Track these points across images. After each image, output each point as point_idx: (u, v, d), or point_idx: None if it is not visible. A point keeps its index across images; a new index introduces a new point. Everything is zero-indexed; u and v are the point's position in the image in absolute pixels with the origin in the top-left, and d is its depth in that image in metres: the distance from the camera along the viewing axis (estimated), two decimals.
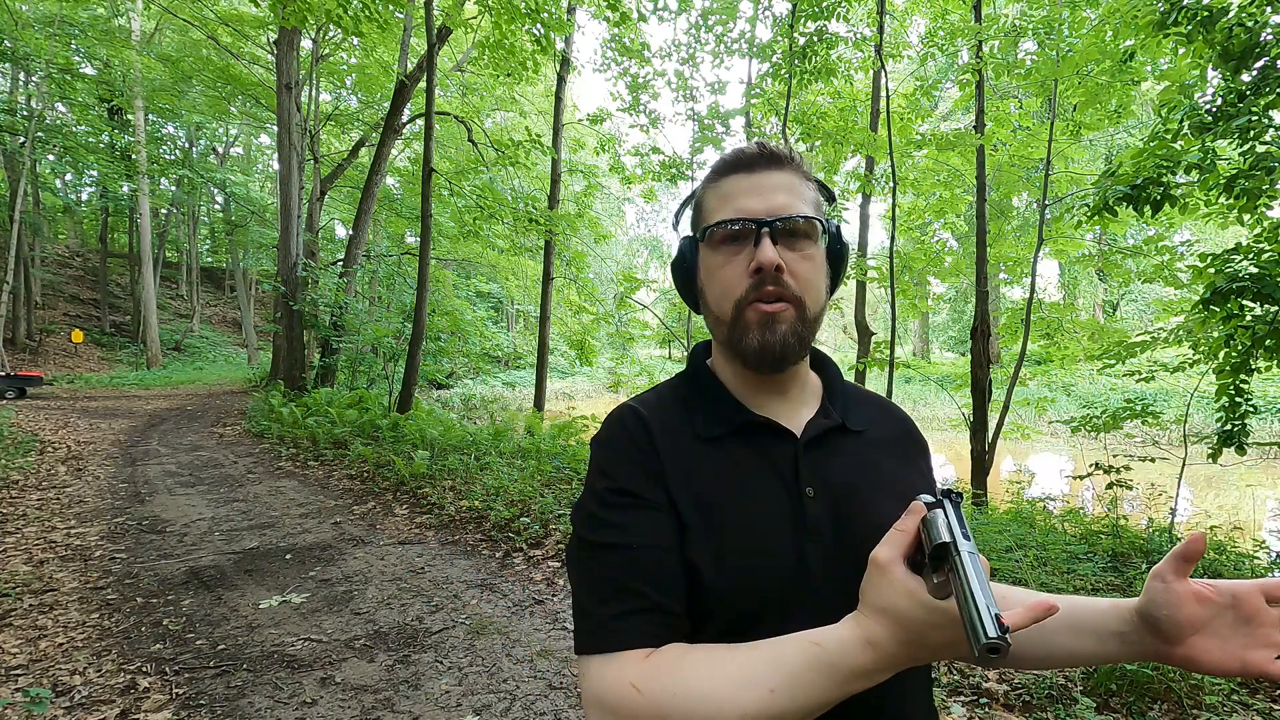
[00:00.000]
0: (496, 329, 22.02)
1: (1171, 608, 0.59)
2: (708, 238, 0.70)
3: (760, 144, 0.71)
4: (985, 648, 0.43)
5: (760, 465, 0.68)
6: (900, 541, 0.54)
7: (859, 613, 0.54)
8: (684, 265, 0.75)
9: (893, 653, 0.52)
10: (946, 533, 0.50)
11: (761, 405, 0.72)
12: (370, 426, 8.42)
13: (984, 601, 0.44)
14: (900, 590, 0.51)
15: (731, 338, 0.69)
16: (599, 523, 0.65)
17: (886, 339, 7.56)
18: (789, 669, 0.53)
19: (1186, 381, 5.19)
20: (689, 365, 0.79)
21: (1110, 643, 0.65)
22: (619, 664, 0.58)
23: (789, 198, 0.69)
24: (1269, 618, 0.57)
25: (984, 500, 5.90)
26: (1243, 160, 3.30)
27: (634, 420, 0.70)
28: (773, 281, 0.66)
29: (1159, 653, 0.62)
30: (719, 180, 0.72)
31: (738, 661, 0.55)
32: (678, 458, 0.67)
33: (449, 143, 16.03)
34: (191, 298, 27.65)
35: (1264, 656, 0.57)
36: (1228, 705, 2.30)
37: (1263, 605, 0.58)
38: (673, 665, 0.56)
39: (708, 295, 0.72)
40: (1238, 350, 3.60)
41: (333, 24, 6.33)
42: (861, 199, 9.54)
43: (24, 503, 5.27)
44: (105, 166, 18.88)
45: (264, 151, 29.27)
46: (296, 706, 2.46)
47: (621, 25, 7.85)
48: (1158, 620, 0.60)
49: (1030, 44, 6.79)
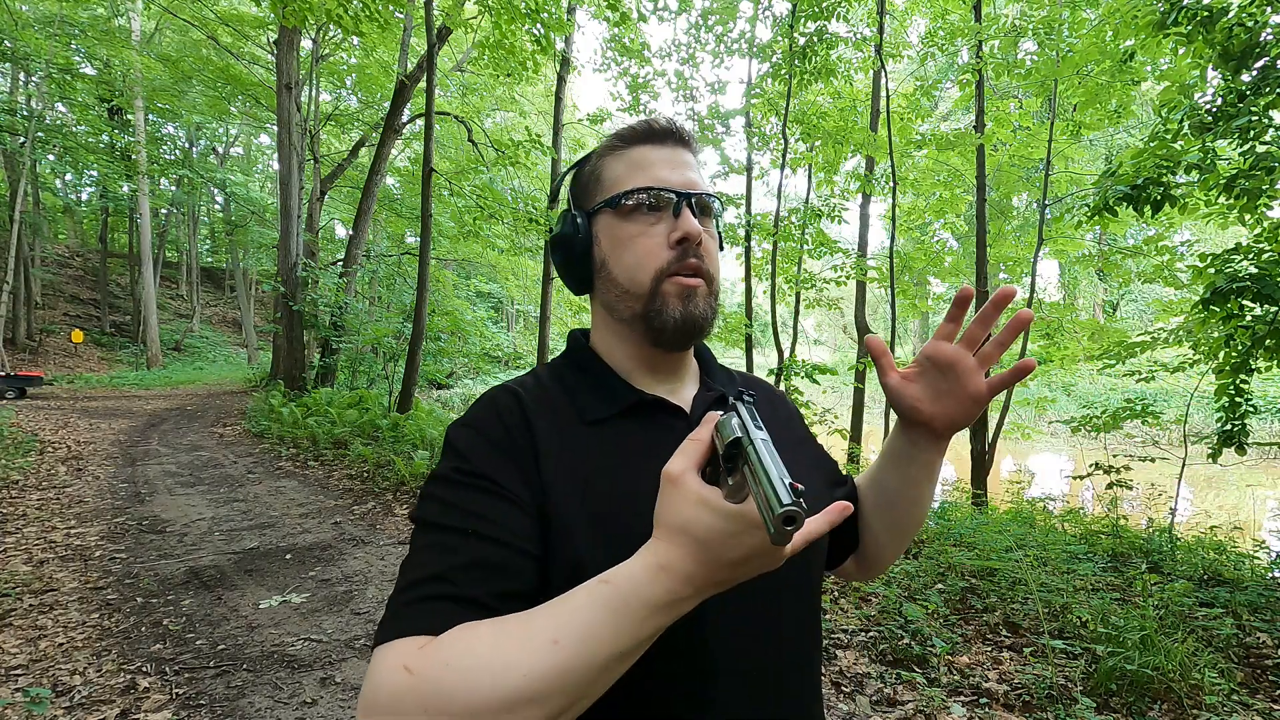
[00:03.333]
0: (496, 329, 22.01)
1: (899, 401, 0.68)
2: (620, 205, 0.67)
3: (669, 120, 0.70)
4: (781, 518, 0.38)
5: (652, 445, 0.63)
6: (694, 451, 0.49)
7: (652, 538, 0.48)
8: (576, 238, 0.70)
9: (690, 573, 0.46)
10: (739, 430, 0.45)
11: (650, 384, 0.70)
12: (370, 426, 8.42)
13: (776, 472, 0.40)
14: (693, 499, 0.46)
15: (647, 311, 0.65)
16: (438, 503, 0.57)
17: (886, 339, 7.56)
18: (575, 615, 0.46)
19: (1186, 381, 5.19)
20: (569, 348, 0.75)
21: (908, 464, 0.71)
22: (397, 649, 0.48)
23: (697, 176, 0.68)
24: (964, 359, 0.65)
25: (984, 500, 5.90)
26: (1243, 160, 3.30)
27: (508, 402, 0.64)
28: (695, 254, 0.65)
29: (930, 436, 0.69)
30: (627, 149, 0.69)
31: (521, 620, 0.48)
32: (560, 444, 0.62)
33: (449, 143, 16.03)
34: (191, 298, 27.65)
35: (979, 381, 0.64)
36: (1228, 705, 2.30)
37: (949, 348, 0.65)
38: (453, 639, 0.48)
39: (615, 267, 0.67)
40: (1238, 350, 3.60)
41: (333, 24, 6.33)
42: (861, 199, 9.53)
43: (24, 503, 5.27)
44: (105, 166, 18.88)
45: (264, 151, 29.28)
46: (296, 706, 2.46)
47: (621, 25, 7.85)
48: (903, 415, 0.68)
49: (1030, 44, 6.80)
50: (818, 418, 7.09)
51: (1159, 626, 2.64)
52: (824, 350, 41.07)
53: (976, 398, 0.65)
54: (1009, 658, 2.79)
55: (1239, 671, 2.57)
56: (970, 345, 0.65)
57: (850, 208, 8.64)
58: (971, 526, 4.32)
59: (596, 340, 0.73)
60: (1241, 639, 2.83)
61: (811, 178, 8.86)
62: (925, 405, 0.66)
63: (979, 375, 0.65)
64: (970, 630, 3.07)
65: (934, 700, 2.43)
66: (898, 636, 2.92)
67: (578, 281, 0.73)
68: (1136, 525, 4.77)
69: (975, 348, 0.66)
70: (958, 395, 0.65)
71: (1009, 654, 2.83)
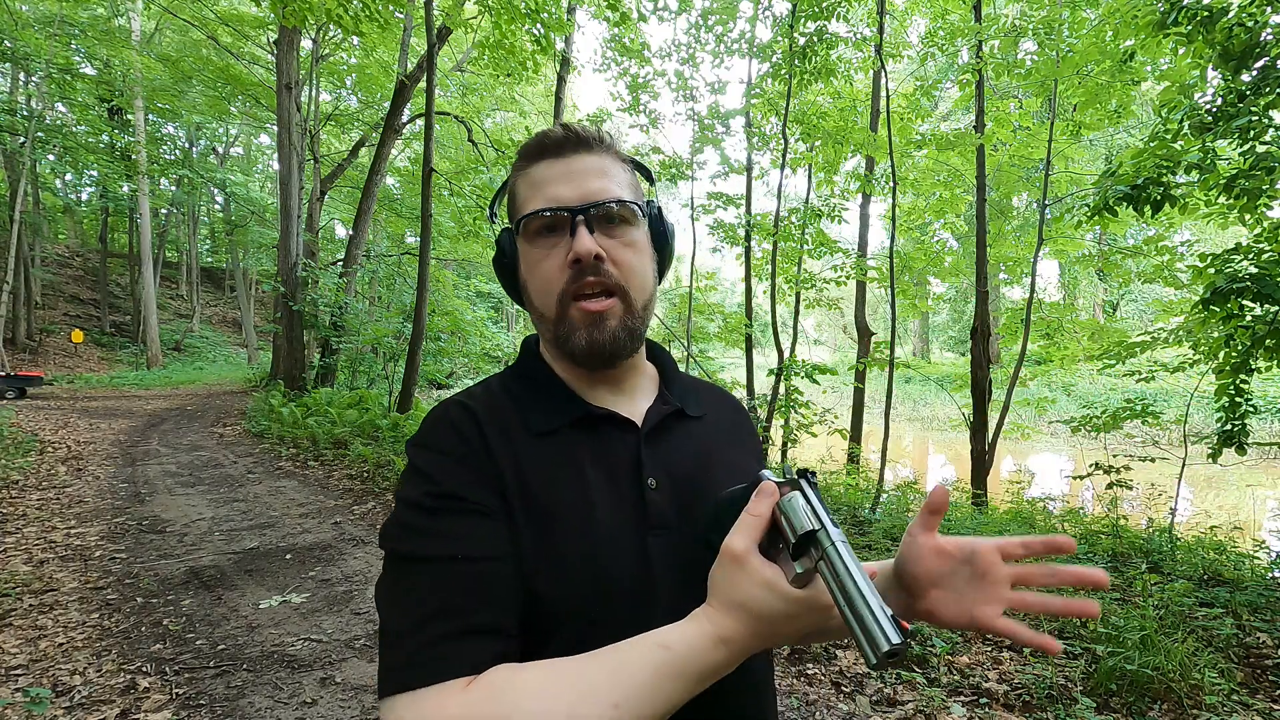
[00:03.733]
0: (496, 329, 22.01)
1: (914, 561, 0.61)
2: (523, 230, 0.65)
3: (566, 126, 0.66)
4: (885, 654, 0.39)
5: (600, 459, 0.63)
6: (754, 528, 0.49)
7: (709, 608, 0.49)
8: (504, 260, 0.69)
9: (748, 647, 0.49)
10: (811, 519, 0.46)
11: (600, 397, 0.68)
12: (370, 426, 8.42)
13: (877, 605, 0.41)
14: (758, 582, 0.47)
15: (558, 335, 0.64)
16: (415, 533, 0.56)
17: (886, 339, 7.57)
18: (635, 679, 0.47)
19: (1186, 381, 5.19)
20: (520, 357, 0.74)
21: None
22: (437, 698, 0.47)
23: (603, 182, 0.64)
24: (1001, 574, 0.58)
25: (984, 500, 5.90)
26: (1243, 160, 3.30)
27: (461, 416, 0.63)
28: (593, 272, 0.62)
29: (909, 607, 0.63)
30: (528, 167, 0.67)
31: (575, 675, 0.48)
32: (511, 456, 0.61)
33: (449, 143, 16.02)
34: (191, 298, 27.65)
35: (992, 612, 0.58)
36: (1228, 705, 2.30)
37: (997, 562, 0.59)
38: (501, 688, 0.47)
39: (530, 291, 0.67)
40: (1238, 350, 3.60)
41: (333, 24, 6.33)
42: (861, 199, 9.54)
43: (24, 503, 5.27)
44: (105, 166, 18.89)
45: (264, 151, 29.27)
46: (296, 706, 2.46)
47: (621, 25, 7.85)
48: (904, 574, 0.62)
49: (1030, 44, 6.80)
50: (818, 418, 7.09)
51: (1159, 626, 2.64)
52: (824, 350, 41.07)
53: (979, 621, 0.58)
54: (1009, 658, 2.79)
55: (1239, 671, 2.57)
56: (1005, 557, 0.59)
57: (850, 208, 8.64)
58: (971, 526, 4.32)
59: (544, 351, 0.72)
60: (1241, 639, 2.83)
61: (811, 178, 8.86)
62: (928, 585, 0.60)
63: (999, 606, 0.58)
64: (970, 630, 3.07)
65: (934, 700, 2.43)
66: None
67: (518, 300, 0.71)
68: (1136, 525, 4.77)
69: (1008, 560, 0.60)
70: (964, 603, 0.59)
71: (1009, 654, 2.83)
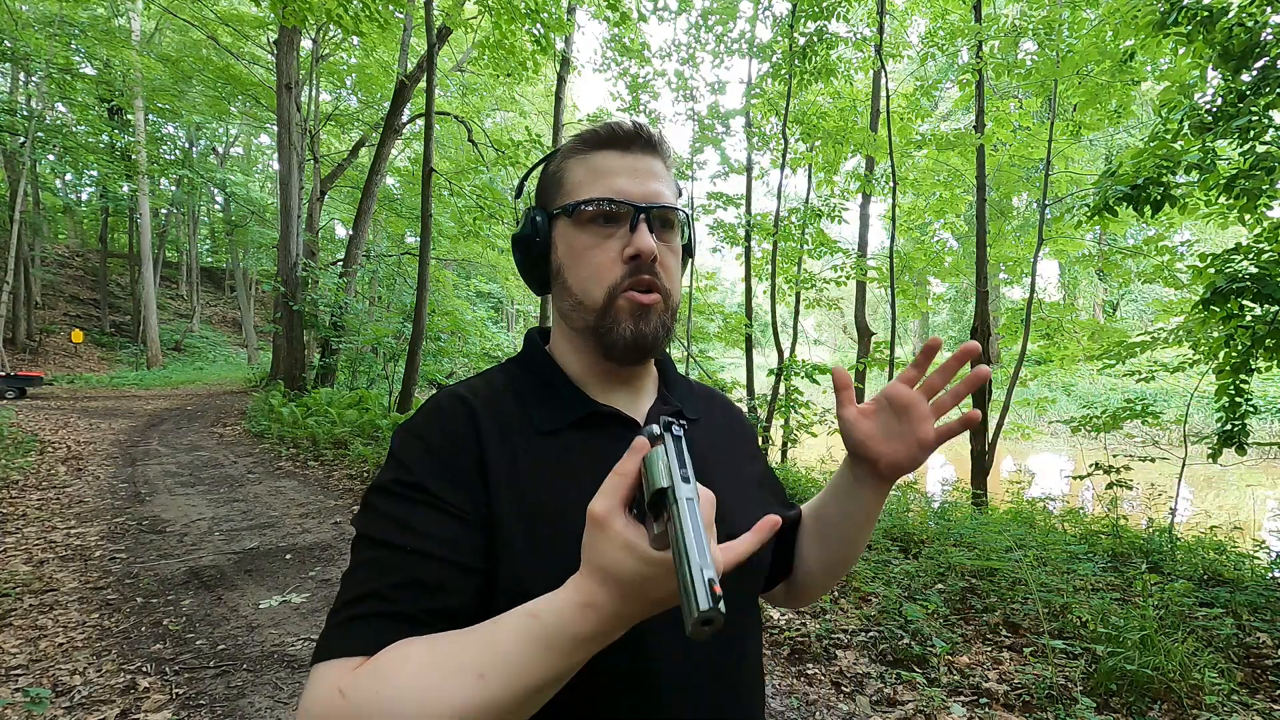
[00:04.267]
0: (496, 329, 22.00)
1: (852, 434, 0.68)
2: (575, 214, 0.64)
3: (636, 123, 0.66)
4: (697, 621, 0.37)
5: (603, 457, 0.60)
6: (619, 488, 0.47)
7: (579, 574, 0.48)
8: (535, 240, 0.68)
9: (616, 610, 0.46)
10: (665, 476, 0.44)
11: (607, 395, 0.68)
12: (370, 426, 8.42)
13: (698, 564, 0.38)
14: (618, 543, 0.45)
15: (600, 325, 0.64)
16: (375, 516, 0.57)
17: (886, 339, 7.57)
18: (502, 648, 0.47)
19: (1186, 381, 5.19)
20: (524, 351, 0.73)
21: (855, 491, 0.71)
22: (333, 670, 0.49)
23: (660, 185, 0.65)
24: (914, 400, 0.66)
25: (984, 500, 5.90)
26: (1243, 160, 3.30)
27: (456, 410, 0.62)
28: (648, 270, 0.63)
29: (873, 475, 0.69)
30: (589, 154, 0.66)
31: (450, 648, 0.48)
32: (509, 455, 0.61)
33: (449, 143, 16.03)
34: (191, 298, 27.65)
35: (928, 429, 0.66)
36: (1228, 705, 2.30)
37: (907, 392, 0.67)
38: (386, 663, 0.48)
39: (569, 277, 0.66)
40: (1238, 350, 3.60)
41: (333, 24, 6.33)
42: (861, 199, 9.54)
43: (24, 503, 5.27)
44: (105, 166, 18.88)
45: (264, 151, 29.28)
46: (296, 706, 2.46)
47: (621, 25, 7.85)
48: (852, 450, 0.69)
49: (1030, 44, 6.80)
50: (818, 418, 7.09)
51: (1159, 626, 2.64)
52: (824, 350, 41.08)
53: (924, 443, 0.66)
54: (1009, 658, 2.79)
55: (1239, 671, 2.57)
56: (928, 393, 0.67)
57: (850, 208, 8.64)
58: (971, 526, 4.32)
59: (555, 344, 0.72)
60: (1241, 639, 2.83)
61: (811, 178, 8.86)
62: (874, 443, 0.67)
63: (929, 422, 0.66)
64: (970, 630, 3.07)
65: (934, 700, 2.43)
66: (898, 636, 2.92)
67: (537, 284, 0.71)
68: (1136, 525, 4.77)
69: (932, 395, 0.67)
70: (906, 439, 0.66)
71: (1009, 654, 2.83)
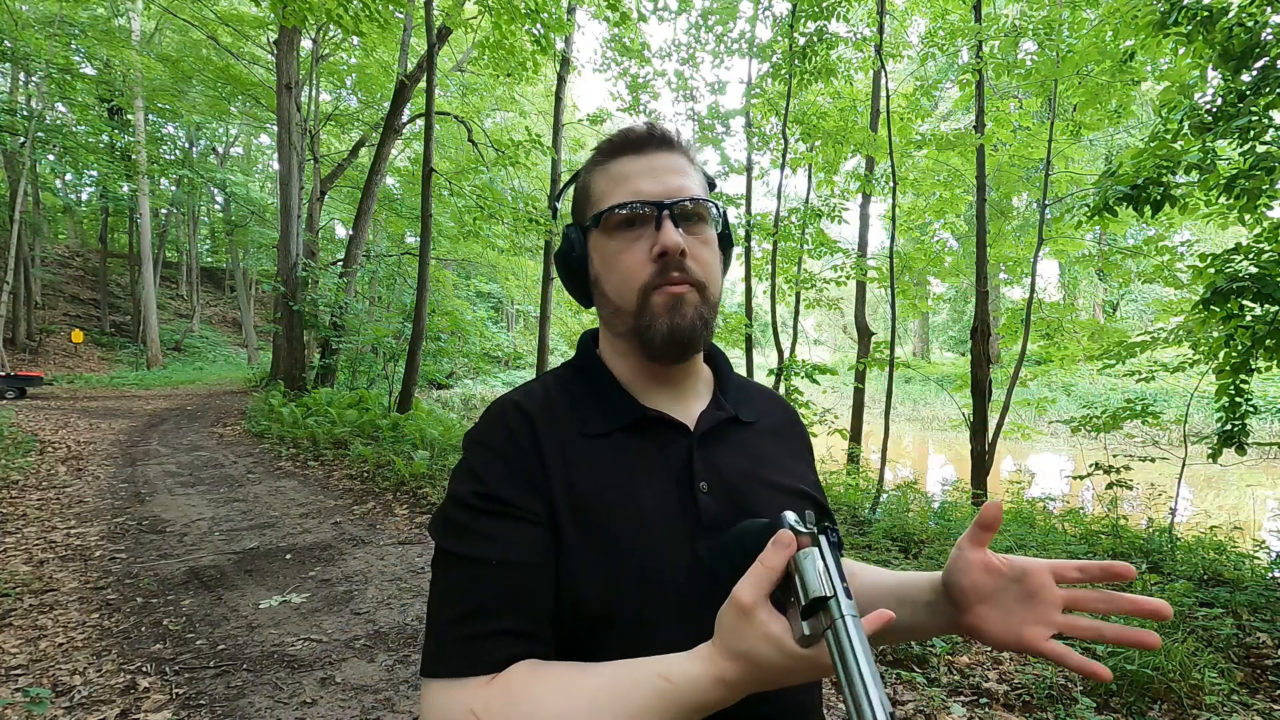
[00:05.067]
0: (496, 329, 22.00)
1: (962, 574, 0.61)
2: (602, 223, 0.66)
3: (649, 124, 0.68)
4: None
5: (652, 462, 0.65)
6: (765, 580, 0.48)
7: (713, 648, 0.50)
8: (573, 256, 0.70)
9: (747, 688, 0.49)
10: (824, 584, 0.45)
11: (654, 398, 0.69)
12: (370, 426, 8.42)
13: (876, 695, 0.40)
14: (762, 635, 0.47)
15: (638, 326, 0.65)
16: (461, 531, 0.59)
17: (886, 339, 7.57)
18: (635, 703, 0.50)
19: (1186, 381, 5.19)
20: (577, 355, 0.74)
21: (921, 612, 0.66)
22: (461, 692, 0.53)
23: (682, 179, 0.66)
24: (1052, 596, 0.58)
25: (984, 500, 5.89)
26: (1243, 160, 3.30)
27: (517, 417, 0.65)
28: (677, 266, 0.63)
29: (954, 621, 0.63)
30: (607, 162, 0.68)
31: (583, 689, 0.51)
32: (564, 459, 0.63)
33: (449, 143, 16.03)
34: (191, 298, 27.65)
35: (1039, 634, 0.57)
36: (1228, 705, 2.30)
37: (1048, 583, 0.58)
38: (518, 690, 0.52)
39: (605, 285, 0.67)
40: (1238, 350, 3.60)
41: (333, 24, 6.33)
42: (861, 199, 9.54)
43: (24, 503, 5.27)
44: (105, 166, 18.89)
45: (264, 151, 29.27)
46: (296, 706, 2.46)
47: (621, 25, 7.85)
48: (951, 586, 0.62)
49: (1030, 44, 6.79)
50: (818, 418, 7.09)
51: (1159, 626, 2.64)
52: (824, 350, 41.08)
53: (1028, 641, 0.58)
54: (1009, 658, 2.79)
55: (1239, 671, 2.57)
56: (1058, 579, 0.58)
57: (850, 208, 8.64)
58: (965, 528, 4.32)
59: (603, 350, 0.73)
60: (1241, 639, 2.83)
61: (811, 178, 8.86)
62: (976, 600, 0.60)
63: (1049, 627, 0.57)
64: None
65: (934, 700, 2.43)
66: None
67: (581, 297, 0.73)
68: (1136, 525, 4.77)
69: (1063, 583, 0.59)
70: (1012, 621, 0.58)
71: (1009, 654, 2.83)
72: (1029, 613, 0.58)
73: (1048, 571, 0.58)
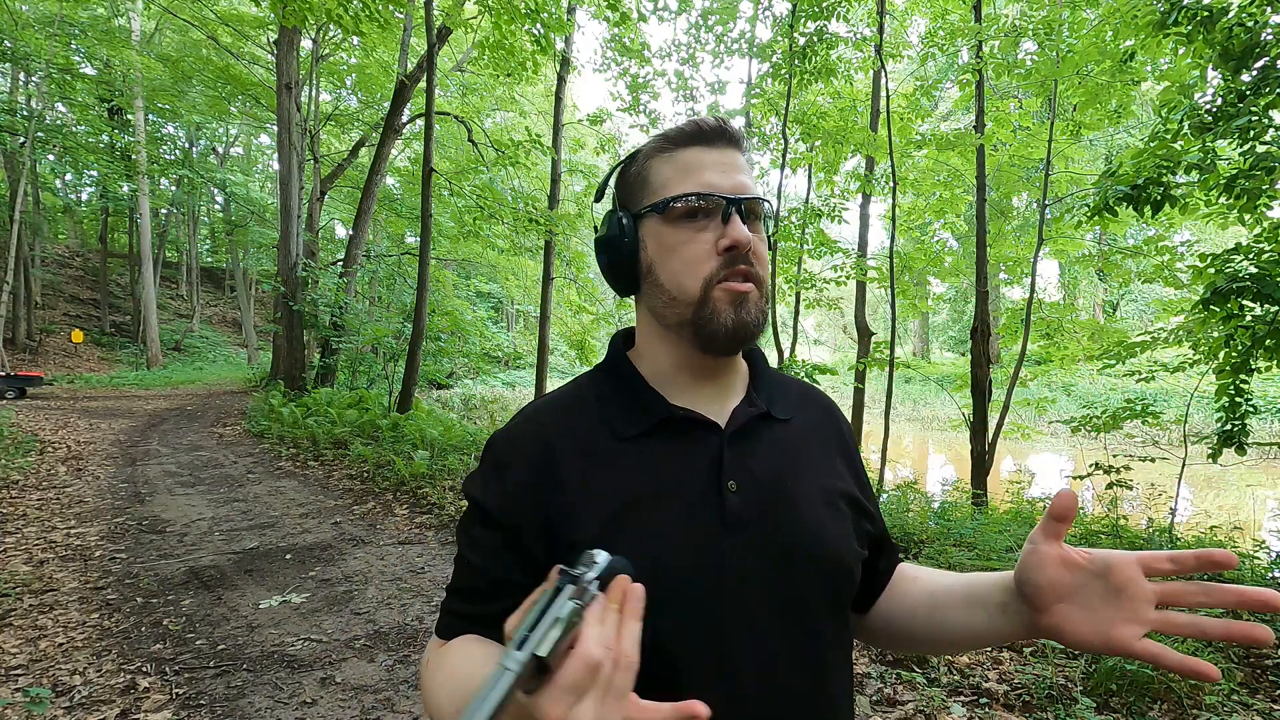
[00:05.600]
0: (496, 329, 22.02)
1: (1036, 570, 0.57)
2: (666, 210, 0.65)
3: (720, 120, 0.67)
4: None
5: (681, 462, 0.65)
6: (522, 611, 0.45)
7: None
8: (621, 241, 0.68)
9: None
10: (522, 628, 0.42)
11: (691, 393, 0.68)
12: (370, 426, 8.42)
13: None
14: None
15: (697, 318, 0.64)
16: (462, 530, 0.68)
17: (886, 339, 7.57)
18: (469, 686, 0.53)
19: (1186, 381, 5.19)
20: (607, 357, 0.74)
21: (996, 615, 0.63)
22: (433, 645, 0.67)
23: (746, 178, 0.66)
24: (1142, 592, 0.54)
25: (984, 500, 5.89)
26: (1243, 160, 3.30)
27: (532, 432, 0.67)
28: (744, 261, 0.63)
29: (1032, 623, 0.59)
30: (675, 151, 0.67)
31: (455, 662, 0.61)
32: (582, 468, 0.64)
33: (449, 143, 16.02)
34: (191, 298, 27.65)
35: (1130, 633, 0.53)
36: (1228, 705, 2.30)
37: (1137, 577, 0.54)
38: (443, 657, 0.63)
39: (662, 273, 0.66)
40: (1238, 350, 3.60)
41: (333, 24, 6.33)
42: (861, 199, 9.53)
43: (24, 503, 5.27)
44: (105, 166, 18.89)
45: (264, 151, 29.27)
46: (296, 706, 2.46)
47: (621, 25, 7.85)
48: (1025, 584, 0.58)
49: (1030, 44, 6.79)
50: None
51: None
52: (824, 350, 41.06)
53: (1119, 642, 0.54)
54: (1009, 658, 2.79)
55: (1239, 671, 2.57)
56: (1148, 571, 0.54)
57: (850, 208, 8.63)
58: (971, 526, 4.32)
59: (640, 344, 0.72)
60: None
61: (811, 178, 8.86)
62: (1055, 598, 0.57)
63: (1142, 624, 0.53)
64: None
65: (934, 700, 2.43)
66: None
67: (625, 284, 0.71)
68: (1136, 525, 4.77)
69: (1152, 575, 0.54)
70: (1098, 619, 0.55)
71: (1009, 654, 2.83)
72: (1118, 610, 0.54)
73: (1136, 564, 0.54)
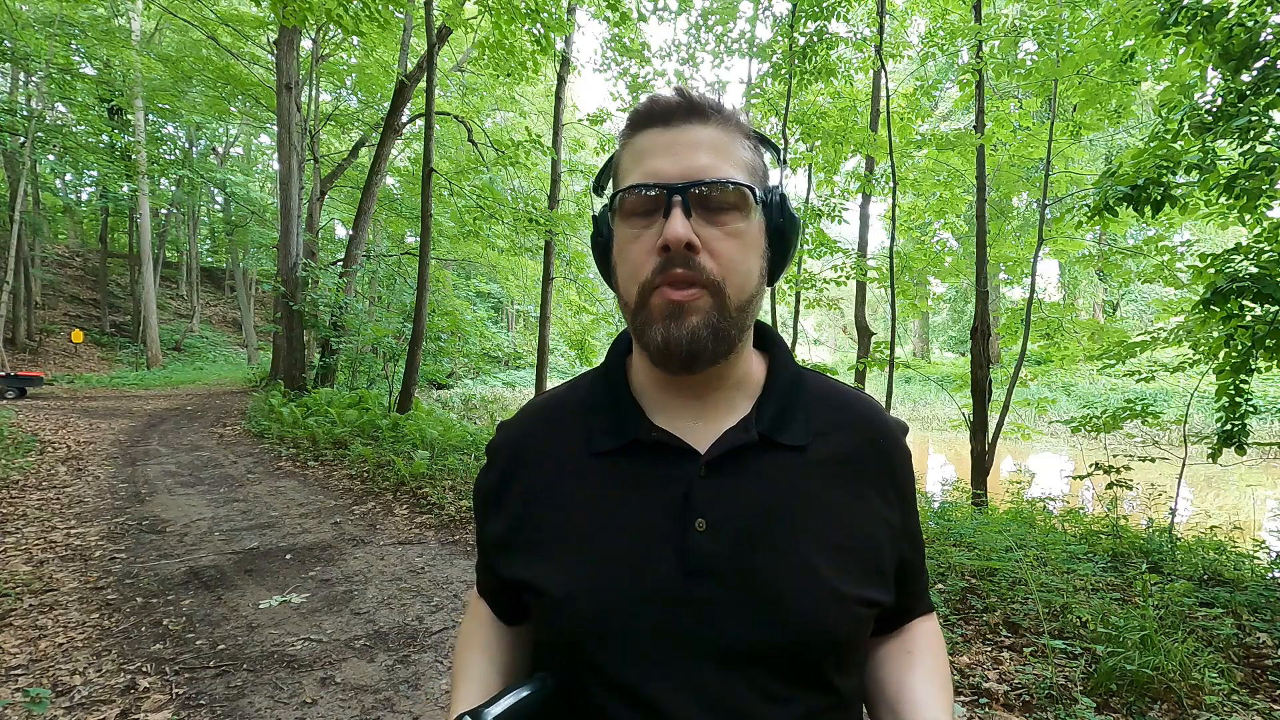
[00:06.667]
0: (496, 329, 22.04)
1: None
2: (617, 206, 0.56)
3: (680, 91, 0.56)
4: None
5: (649, 491, 0.57)
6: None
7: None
8: (600, 239, 0.62)
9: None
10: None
11: (671, 411, 0.60)
12: (370, 426, 8.42)
13: None
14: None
15: (635, 326, 0.56)
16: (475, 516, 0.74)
17: (886, 339, 7.57)
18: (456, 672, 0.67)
19: (1186, 381, 5.19)
20: (605, 360, 0.67)
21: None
22: (471, 594, 0.76)
23: (712, 158, 0.54)
24: None
25: (984, 500, 5.90)
26: (1243, 160, 3.30)
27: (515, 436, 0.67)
28: (681, 263, 0.52)
29: None
30: (633, 136, 0.58)
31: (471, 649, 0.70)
32: (549, 482, 0.61)
33: (449, 143, 16.03)
34: (191, 298, 27.64)
35: None
36: (1228, 705, 2.30)
37: None
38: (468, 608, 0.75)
39: (617, 275, 0.58)
40: (1238, 350, 3.60)
41: (333, 24, 6.32)
42: (861, 199, 9.53)
43: (24, 503, 5.27)
44: (105, 166, 18.88)
45: (264, 151, 29.27)
46: (296, 706, 2.46)
47: (621, 25, 7.85)
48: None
49: (1030, 44, 6.80)
50: None
51: (1159, 626, 2.64)
52: (824, 350, 41.08)
53: None
54: (1009, 658, 2.79)
55: (1239, 671, 2.57)
56: None
57: (850, 208, 8.64)
58: (971, 526, 4.32)
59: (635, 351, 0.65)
60: (1241, 639, 2.83)
61: (811, 178, 8.86)
62: None
63: None
64: (970, 630, 3.07)
65: None
66: None
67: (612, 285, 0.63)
68: (1136, 525, 4.77)
69: None
70: None
71: (1009, 654, 2.83)
72: None
73: None
